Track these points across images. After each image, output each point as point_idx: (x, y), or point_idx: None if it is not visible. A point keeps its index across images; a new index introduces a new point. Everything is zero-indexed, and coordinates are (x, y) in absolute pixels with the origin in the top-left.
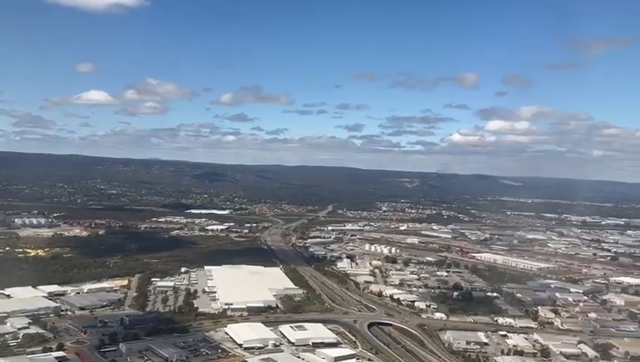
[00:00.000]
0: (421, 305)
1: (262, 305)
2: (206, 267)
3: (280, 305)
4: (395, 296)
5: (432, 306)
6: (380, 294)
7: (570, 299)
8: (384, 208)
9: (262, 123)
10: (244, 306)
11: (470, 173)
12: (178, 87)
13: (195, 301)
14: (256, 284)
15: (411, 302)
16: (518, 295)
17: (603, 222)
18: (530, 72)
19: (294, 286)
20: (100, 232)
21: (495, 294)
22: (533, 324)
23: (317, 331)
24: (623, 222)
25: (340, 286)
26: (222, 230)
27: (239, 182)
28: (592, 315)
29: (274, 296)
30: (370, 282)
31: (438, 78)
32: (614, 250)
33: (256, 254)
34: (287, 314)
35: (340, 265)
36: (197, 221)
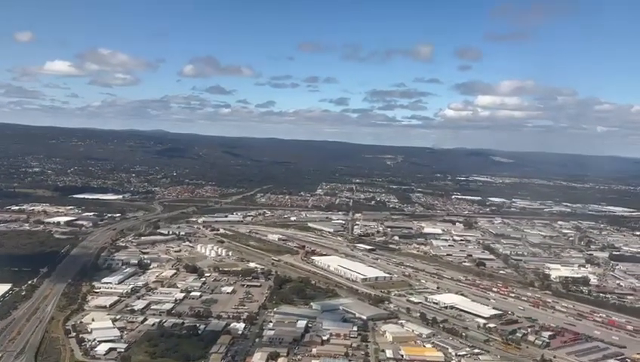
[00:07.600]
0: (101, 349)
1: None
2: None
3: None
4: (90, 334)
5: (117, 350)
6: (67, 332)
7: (330, 333)
8: (319, 191)
9: (242, 95)
10: None
11: (468, 148)
12: (131, 57)
13: None
14: None
15: (97, 343)
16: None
17: (546, 209)
18: (479, 43)
19: None
20: None
21: (235, 325)
22: None
23: None
24: (570, 210)
25: (58, 313)
26: (63, 223)
27: (202, 158)
28: None
29: None
30: (104, 307)
31: (390, 51)
32: (501, 250)
33: (38, 262)
34: None
35: (105, 279)
36: (56, 210)
